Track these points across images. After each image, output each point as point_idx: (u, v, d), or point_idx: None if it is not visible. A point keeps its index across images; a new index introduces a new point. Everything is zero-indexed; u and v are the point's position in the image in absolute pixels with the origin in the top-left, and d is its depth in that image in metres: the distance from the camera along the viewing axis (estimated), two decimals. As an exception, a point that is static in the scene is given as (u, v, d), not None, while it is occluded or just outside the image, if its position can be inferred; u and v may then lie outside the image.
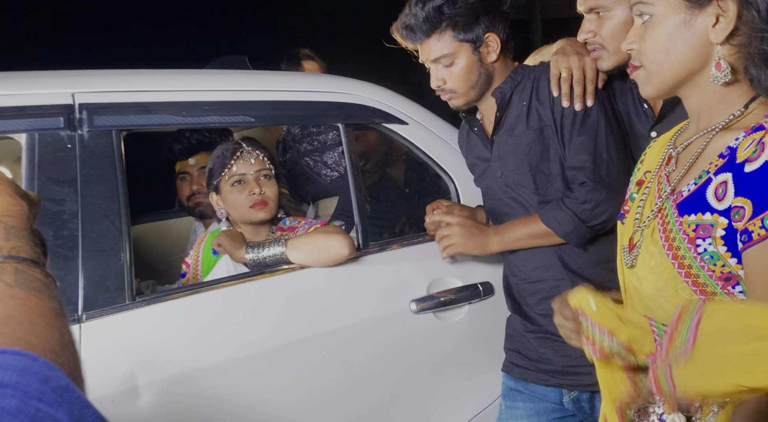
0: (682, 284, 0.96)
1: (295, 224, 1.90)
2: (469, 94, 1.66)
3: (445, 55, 1.62)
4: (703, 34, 0.95)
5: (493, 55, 1.64)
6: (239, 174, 1.83)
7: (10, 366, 0.42)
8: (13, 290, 0.48)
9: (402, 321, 1.76)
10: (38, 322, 0.47)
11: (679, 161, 1.04)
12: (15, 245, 0.51)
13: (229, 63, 2.43)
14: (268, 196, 1.83)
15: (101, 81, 1.59)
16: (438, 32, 1.60)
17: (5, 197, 0.55)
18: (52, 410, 0.41)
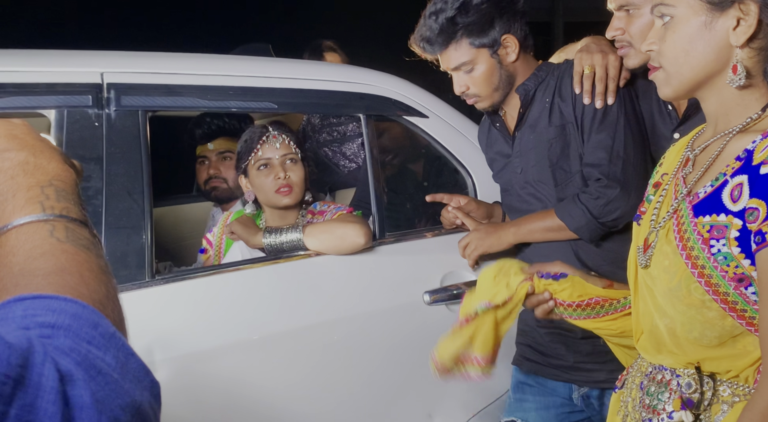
0: (695, 284, 0.97)
1: (325, 209, 1.90)
2: (494, 96, 1.68)
3: (464, 63, 1.63)
4: (724, 37, 0.95)
5: (513, 56, 1.65)
6: (265, 158, 1.82)
7: (63, 310, 0.45)
8: (65, 245, 0.51)
9: (415, 311, 1.77)
10: (87, 275, 0.50)
11: (696, 163, 1.05)
12: (65, 206, 0.54)
13: (253, 50, 2.46)
14: (293, 181, 1.82)
15: (129, 62, 1.62)
16: (454, 42, 1.62)
17: (56, 163, 0.58)
18: (101, 353, 0.44)
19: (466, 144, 1.96)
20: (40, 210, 0.52)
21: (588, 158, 1.59)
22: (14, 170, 0.54)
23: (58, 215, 0.53)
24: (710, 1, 0.95)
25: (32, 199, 0.53)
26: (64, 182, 0.57)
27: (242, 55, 2.38)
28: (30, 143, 0.58)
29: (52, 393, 0.39)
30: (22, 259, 0.50)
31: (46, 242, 0.51)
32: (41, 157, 0.57)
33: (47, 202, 0.53)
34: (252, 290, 1.64)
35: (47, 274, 0.48)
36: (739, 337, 0.97)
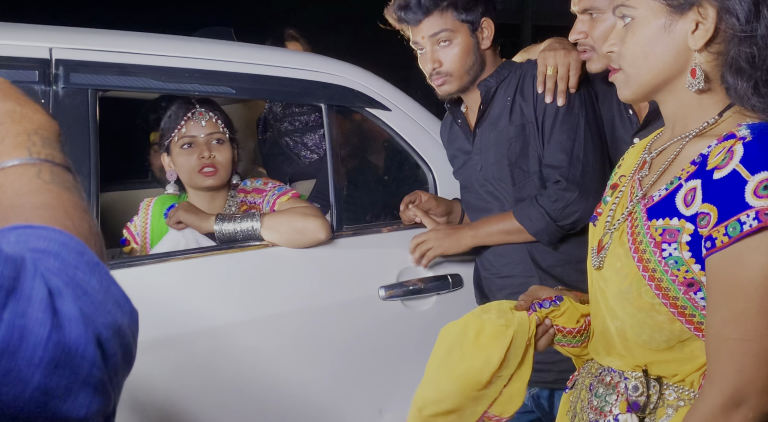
0: (645, 287, 0.97)
1: (260, 186, 1.82)
2: (464, 78, 1.67)
3: (445, 30, 1.62)
4: (683, 40, 0.95)
5: (487, 42, 1.66)
6: (189, 136, 1.74)
7: (52, 239, 0.49)
8: (50, 186, 0.55)
9: (369, 306, 1.75)
10: (72, 212, 0.54)
11: (652, 166, 1.05)
12: (50, 152, 0.58)
13: (215, 33, 2.40)
14: (218, 161, 1.74)
15: (81, 38, 1.55)
16: (438, 10, 1.61)
17: (41, 114, 0.62)
18: (86, 277, 0.48)
19: (428, 139, 1.94)
20: (27, 154, 0.56)
21: (547, 159, 1.59)
22: (2, 117, 0.58)
23: (44, 159, 0.56)
24: (669, 3, 0.94)
25: (20, 144, 0.56)
26: (49, 132, 0.60)
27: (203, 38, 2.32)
28: (14, 94, 0.62)
29: (42, 303, 0.44)
30: (10, 195, 0.53)
31: (33, 182, 0.54)
32: (27, 108, 0.61)
33: (33, 148, 0.56)
34: (201, 280, 1.59)
35: (34, 208, 0.52)
36: (687, 342, 0.97)
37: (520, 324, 1.09)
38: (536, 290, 1.18)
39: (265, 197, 1.81)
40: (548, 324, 1.13)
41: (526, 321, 1.10)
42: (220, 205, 1.82)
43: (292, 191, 1.82)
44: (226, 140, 1.78)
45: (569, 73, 1.56)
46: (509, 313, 1.11)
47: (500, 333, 1.07)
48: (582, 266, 1.60)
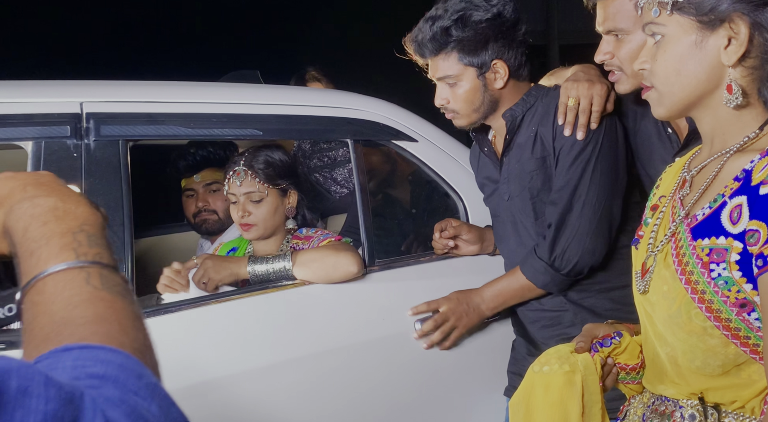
0: (696, 310, 0.92)
1: (311, 234, 1.86)
2: (472, 116, 1.65)
3: (449, 76, 1.60)
4: (715, 56, 0.93)
5: (500, 82, 1.61)
6: (231, 193, 1.83)
7: (110, 361, 0.46)
8: (101, 293, 0.52)
9: (406, 341, 1.72)
10: (126, 323, 0.51)
11: (693, 184, 1.02)
12: (98, 251, 0.55)
13: (242, 77, 2.44)
14: (254, 219, 1.80)
15: (110, 91, 1.58)
16: (444, 53, 1.58)
17: (84, 207, 0.59)
18: (146, 403, 0.45)
19: (457, 168, 1.92)
20: (74, 257, 0.53)
21: (552, 195, 1.57)
22: (46, 216, 0.55)
23: (92, 261, 0.54)
24: (700, 19, 0.92)
25: (66, 245, 0.53)
26: (93, 227, 0.57)
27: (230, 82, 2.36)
28: (57, 188, 0.59)
29: None
30: (61, 307, 0.51)
31: (83, 290, 0.52)
32: (69, 202, 0.58)
33: (80, 248, 0.54)
34: (239, 322, 1.58)
35: (88, 322, 0.50)
36: (743, 366, 0.93)
37: (587, 367, 1.05)
38: (591, 329, 1.14)
39: (311, 243, 1.82)
40: (611, 363, 1.09)
41: (591, 362, 1.05)
42: (273, 249, 1.86)
43: (336, 236, 1.82)
44: (264, 196, 1.82)
45: (591, 107, 1.52)
46: (571, 357, 1.06)
47: (569, 381, 1.03)
48: (615, 294, 1.58)
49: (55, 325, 0.50)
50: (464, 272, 1.84)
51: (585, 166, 1.53)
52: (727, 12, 0.90)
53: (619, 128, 1.58)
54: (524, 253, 1.65)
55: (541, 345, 1.65)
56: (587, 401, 1.03)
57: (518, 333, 1.75)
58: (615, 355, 1.09)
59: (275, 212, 1.84)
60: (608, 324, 1.20)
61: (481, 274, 1.79)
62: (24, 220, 0.56)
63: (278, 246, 1.87)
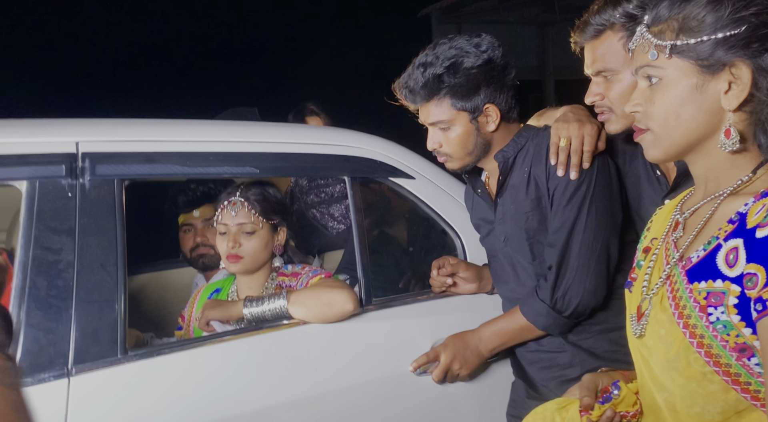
0: (695, 354, 0.90)
1: (299, 270, 1.86)
2: (465, 159, 1.65)
3: (442, 121, 1.61)
4: (715, 100, 0.92)
5: (492, 126, 1.62)
6: (222, 224, 1.83)
7: None
8: None
9: (405, 382, 1.69)
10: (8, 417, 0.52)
11: (686, 226, 1.01)
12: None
13: (240, 114, 2.45)
14: (245, 251, 1.80)
15: (106, 129, 1.59)
16: (436, 98, 1.59)
17: None
18: None
19: (454, 205, 1.92)
20: None
21: (549, 237, 1.57)
22: None
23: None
24: (700, 64, 0.92)
25: None
26: None
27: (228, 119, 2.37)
28: None
29: None
30: None
31: None
32: None
33: None
34: (232, 363, 1.56)
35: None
36: (744, 413, 0.90)
37: None
38: (593, 380, 1.13)
39: (299, 280, 1.82)
40: (610, 414, 1.08)
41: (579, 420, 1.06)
42: (258, 286, 1.85)
43: (326, 272, 1.82)
44: (258, 229, 1.83)
45: (583, 147, 1.52)
46: (556, 417, 1.07)
47: None
48: (613, 335, 1.56)
49: None
50: (462, 310, 1.82)
51: (580, 205, 1.52)
52: (728, 57, 0.90)
53: (612, 166, 1.58)
54: (523, 293, 1.64)
55: (539, 386, 1.63)
56: None
57: (517, 375, 1.73)
58: (613, 406, 1.08)
59: (265, 247, 1.84)
60: (603, 371, 1.18)
61: (478, 312, 1.77)
62: None
63: (263, 283, 1.86)
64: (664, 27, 0.95)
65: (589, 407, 1.07)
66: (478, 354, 1.66)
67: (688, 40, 0.92)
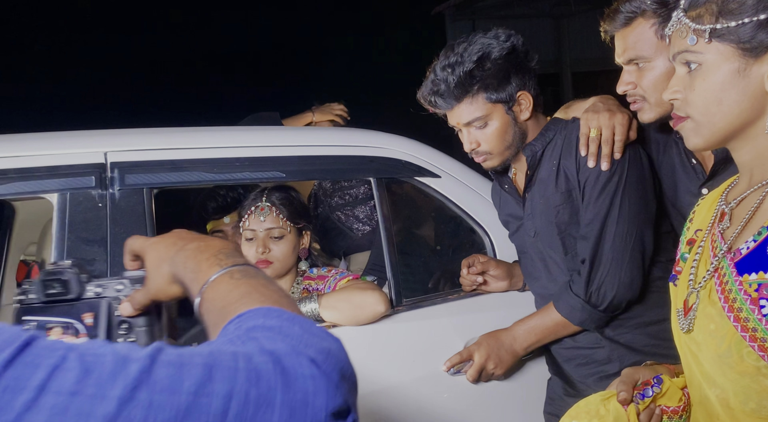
0: (747, 349, 0.88)
1: (325, 273, 1.85)
2: (505, 154, 1.63)
3: (479, 118, 1.58)
4: (759, 84, 0.89)
5: (527, 113, 1.60)
6: (250, 230, 1.82)
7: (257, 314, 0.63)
8: (241, 281, 0.71)
9: (438, 382, 1.67)
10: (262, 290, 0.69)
11: (733, 217, 0.98)
12: (233, 260, 0.75)
13: (262, 120, 2.45)
14: (275, 256, 1.80)
15: (133, 139, 1.59)
16: (470, 96, 1.57)
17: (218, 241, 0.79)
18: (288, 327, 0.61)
19: (481, 203, 1.90)
20: (218, 268, 0.73)
21: (582, 229, 1.54)
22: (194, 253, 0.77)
23: (231, 265, 0.74)
24: (742, 47, 0.89)
25: (212, 263, 0.74)
26: (228, 248, 0.78)
27: (251, 125, 2.37)
28: (195, 236, 0.81)
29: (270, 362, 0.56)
30: (220, 299, 0.70)
31: (229, 283, 0.71)
32: (207, 240, 0.80)
33: (221, 262, 0.74)
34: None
35: (237, 300, 0.68)
36: None
37: (617, 419, 1.03)
38: (632, 374, 1.10)
39: (326, 283, 1.81)
40: (653, 408, 1.05)
41: (623, 415, 1.03)
42: (286, 285, 1.85)
43: (353, 275, 1.82)
44: (286, 233, 1.83)
45: (614, 137, 1.49)
46: (601, 410, 1.04)
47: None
48: (651, 329, 1.53)
49: (218, 312, 0.68)
50: (494, 308, 1.80)
51: (612, 197, 1.49)
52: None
53: (644, 156, 1.55)
54: (556, 289, 1.61)
55: (577, 383, 1.60)
56: None
57: (553, 372, 1.70)
58: (655, 400, 1.06)
59: (293, 251, 1.84)
60: (647, 365, 1.16)
61: (511, 310, 1.75)
62: (181, 262, 0.77)
63: (290, 287, 1.85)
64: (702, 11, 0.92)
65: (625, 401, 1.04)
66: (513, 353, 1.64)
67: (728, 22, 0.89)
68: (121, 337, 0.83)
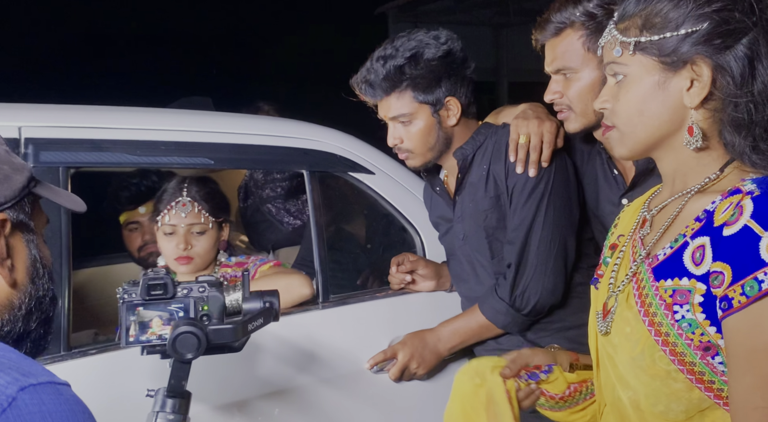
0: (659, 353, 0.90)
1: (243, 260, 1.81)
2: (426, 155, 1.63)
3: (404, 115, 1.58)
4: (678, 98, 0.92)
5: (453, 120, 1.60)
6: (170, 225, 1.75)
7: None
8: None
9: (362, 380, 1.66)
10: None
11: (653, 224, 1.01)
12: None
13: (193, 104, 2.37)
14: (196, 252, 1.74)
15: (50, 115, 1.50)
16: (398, 91, 1.57)
17: None
18: None
19: (413, 202, 1.90)
20: None
21: (509, 234, 1.57)
22: None
23: None
24: (662, 60, 0.92)
25: None
26: None
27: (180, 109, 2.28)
28: None
29: None
30: None
31: None
32: None
33: None
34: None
35: None
36: (707, 411, 0.91)
37: (495, 386, 1.14)
38: (527, 357, 1.17)
39: (247, 268, 1.76)
40: (533, 388, 1.15)
41: (499, 384, 1.14)
42: None
43: (274, 261, 1.78)
44: (207, 228, 1.77)
45: (542, 145, 1.52)
46: (488, 373, 1.16)
47: (475, 393, 1.15)
48: (572, 333, 1.58)
49: None
50: (420, 308, 1.80)
51: (539, 203, 1.52)
52: (690, 54, 0.90)
53: (570, 164, 1.59)
54: (482, 292, 1.63)
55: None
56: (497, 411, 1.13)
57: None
58: (539, 383, 1.16)
59: (214, 246, 1.80)
60: (549, 349, 1.22)
61: (436, 311, 1.76)
62: None
63: None
64: (630, 24, 0.94)
65: (505, 377, 1.15)
66: (437, 353, 1.64)
67: (651, 36, 0.92)
68: None
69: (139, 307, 1.09)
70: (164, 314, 1.09)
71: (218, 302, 1.13)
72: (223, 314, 1.14)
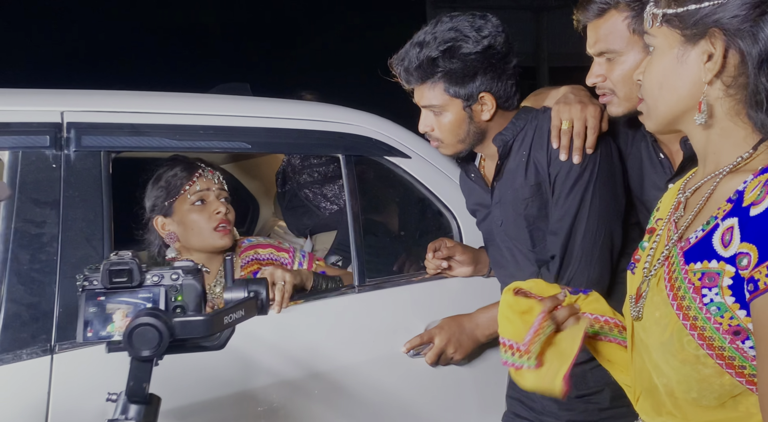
0: (688, 337, 0.88)
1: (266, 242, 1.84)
2: (457, 146, 1.60)
3: (434, 105, 1.56)
4: (696, 72, 0.90)
5: (487, 115, 1.56)
6: (202, 192, 1.73)
7: None
8: None
9: (397, 364, 1.66)
10: None
11: (687, 206, 0.98)
12: None
13: (231, 90, 2.39)
14: (230, 219, 1.75)
15: (93, 100, 1.54)
16: (430, 82, 1.53)
17: None
18: None
19: (450, 186, 1.88)
20: None
21: (552, 225, 1.53)
22: None
23: None
24: (684, 33, 0.90)
25: None
26: None
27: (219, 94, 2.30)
28: None
29: None
30: None
31: None
32: None
33: None
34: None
35: None
36: (739, 397, 0.87)
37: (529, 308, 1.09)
38: None
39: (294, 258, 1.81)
40: (577, 307, 1.09)
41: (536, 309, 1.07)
42: (215, 268, 1.79)
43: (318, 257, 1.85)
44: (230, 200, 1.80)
45: (586, 131, 1.47)
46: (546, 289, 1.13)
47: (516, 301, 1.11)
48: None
49: None
50: (457, 292, 1.79)
51: (584, 193, 1.48)
52: (708, 26, 0.88)
53: (614, 149, 1.54)
54: (523, 278, 1.60)
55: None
56: None
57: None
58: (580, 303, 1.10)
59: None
60: None
61: (473, 295, 1.74)
62: None
63: (219, 266, 1.79)
64: None
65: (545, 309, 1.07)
66: (474, 339, 1.63)
67: (676, 8, 0.90)
68: None
69: (100, 296, 0.94)
70: (129, 305, 0.93)
71: (195, 291, 0.96)
72: (201, 306, 0.97)
